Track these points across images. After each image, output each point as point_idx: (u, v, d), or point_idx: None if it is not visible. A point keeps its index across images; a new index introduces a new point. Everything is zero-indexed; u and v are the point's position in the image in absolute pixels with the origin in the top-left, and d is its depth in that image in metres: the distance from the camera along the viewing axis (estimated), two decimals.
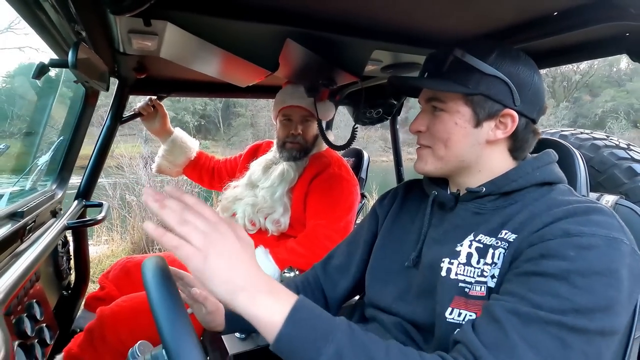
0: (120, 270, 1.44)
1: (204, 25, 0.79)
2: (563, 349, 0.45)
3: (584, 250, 0.50)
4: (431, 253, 0.67)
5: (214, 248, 0.44)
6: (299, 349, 0.44)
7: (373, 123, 2.06)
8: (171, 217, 0.44)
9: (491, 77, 0.63)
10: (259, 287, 0.45)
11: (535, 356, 0.45)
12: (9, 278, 0.70)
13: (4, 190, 1.11)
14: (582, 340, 0.46)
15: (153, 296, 0.43)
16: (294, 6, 0.77)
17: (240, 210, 1.38)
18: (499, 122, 0.65)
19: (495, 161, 0.68)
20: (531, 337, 0.46)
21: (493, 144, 0.67)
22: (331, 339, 0.45)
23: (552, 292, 0.48)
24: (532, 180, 0.64)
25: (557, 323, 0.46)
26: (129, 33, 0.79)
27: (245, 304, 0.44)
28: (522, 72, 0.64)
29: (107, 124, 1.47)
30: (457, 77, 0.65)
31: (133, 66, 1.18)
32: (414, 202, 0.80)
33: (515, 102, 0.64)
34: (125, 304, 1.10)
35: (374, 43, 0.96)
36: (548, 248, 0.52)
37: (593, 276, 0.48)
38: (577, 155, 0.83)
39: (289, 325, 0.44)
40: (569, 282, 0.48)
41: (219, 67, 1.07)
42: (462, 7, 0.77)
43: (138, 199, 5.21)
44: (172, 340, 0.41)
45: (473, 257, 0.61)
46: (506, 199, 0.65)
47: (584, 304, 0.47)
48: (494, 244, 0.60)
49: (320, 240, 1.22)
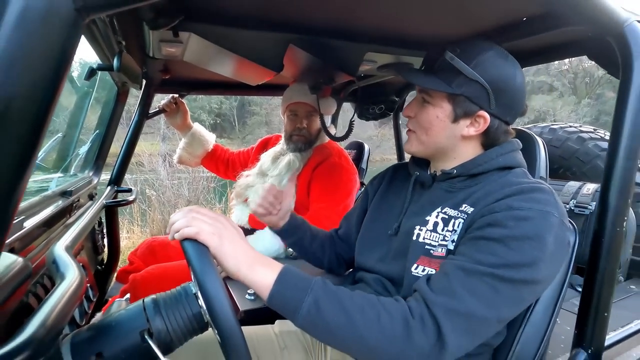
0: (147, 248, 1.64)
1: (220, 34, 0.96)
2: (494, 293, 0.59)
3: (521, 221, 0.62)
4: (409, 223, 0.80)
5: (222, 233, 0.60)
6: (286, 301, 0.60)
7: (376, 118, 2.20)
8: (182, 221, 0.59)
9: (472, 80, 0.71)
10: (255, 260, 0.62)
11: (471, 298, 0.59)
12: (69, 237, 0.88)
13: (54, 175, 1.31)
14: (509, 287, 0.60)
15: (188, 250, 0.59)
16: (295, 17, 0.93)
17: (252, 196, 1.54)
18: (474, 121, 0.75)
19: (468, 153, 0.79)
20: (470, 285, 0.60)
21: (467, 138, 0.77)
22: (309, 292, 0.60)
23: (491, 251, 0.62)
24: (495, 165, 0.75)
25: (491, 274, 0.60)
26: (160, 42, 0.97)
27: (247, 272, 0.60)
28: (502, 80, 0.72)
29: (135, 120, 1.67)
30: (444, 77, 0.74)
31: (159, 68, 1.37)
32: (399, 182, 0.93)
33: (491, 105, 0.73)
34: (154, 271, 1.29)
35: (366, 46, 1.11)
36: (494, 219, 0.65)
37: (524, 240, 0.61)
38: (540, 143, 0.96)
39: (277, 284, 0.60)
40: (505, 244, 0.61)
41: (233, 68, 1.24)
42: (445, 13, 0.89)
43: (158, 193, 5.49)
44: (200, 273, 0.57)
45: (439, 225, 0.74)
46: (473, 180, 0.77)
47: (513, 261, 0.60)
48: (456, 215, 0.73)
49: (321, 221, 1.37)
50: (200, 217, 0.60)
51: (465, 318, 0.59)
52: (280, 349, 0.91)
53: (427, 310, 0.60)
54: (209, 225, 0.59)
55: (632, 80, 0.76)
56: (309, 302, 0.60)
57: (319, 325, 0.60)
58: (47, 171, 1.32)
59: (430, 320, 0.59)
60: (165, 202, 5.44)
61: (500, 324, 0.62)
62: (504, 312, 0.60)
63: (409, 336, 0.58)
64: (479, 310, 0.59)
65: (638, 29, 0.76)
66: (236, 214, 1.62)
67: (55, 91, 0.33)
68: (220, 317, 0.55)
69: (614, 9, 0.75)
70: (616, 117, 0.80)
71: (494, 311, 0.59)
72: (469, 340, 0.60)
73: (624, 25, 0.76)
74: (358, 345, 0.60)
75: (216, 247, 0.59)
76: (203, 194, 5.67)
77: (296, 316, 0.60)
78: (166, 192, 5.56)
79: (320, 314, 0.59)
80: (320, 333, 0.61)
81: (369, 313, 0.60)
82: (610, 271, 0.79)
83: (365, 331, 0.59)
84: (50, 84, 0.31)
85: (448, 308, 0.59)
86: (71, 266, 0.63)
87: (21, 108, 0.31)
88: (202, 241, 0.58)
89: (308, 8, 0.88)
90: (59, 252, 0.69)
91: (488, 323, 0.60)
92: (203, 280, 0.57)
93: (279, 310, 0.62)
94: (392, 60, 1.25)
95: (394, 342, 0.58)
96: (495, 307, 0.59)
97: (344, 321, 0.59)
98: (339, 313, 0.60)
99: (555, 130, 1.76)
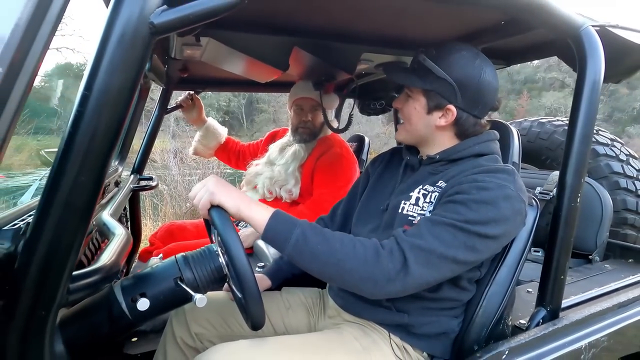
0: (166, 231, 1.81)
1: (234, 38, 1.11)
2: (453, 238, 0.74)
3: (482, 190, 0.77)
4: (396, 199, 0.94)
5: (212, 189, 0.75)
6: (278, 232, 0.74)
7: (377, 113, 2.32)
8: (195, 201, 0.78)
9: (442, 79, 0.85)
10: (251, 202, 0.78)
11: (433, 239, 0.73)
12: (111, 208, 1.04)
13: None
14: (465, 235, 0.74)
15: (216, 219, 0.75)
16: (298, 23, 1.07)
17: (260, 183, 1.71)
18: (445, 113, 0.87)
19: (444, 140, 0.92)
20: (434, 231, 0.75)
21: (440, 128, 0.90)
22: (298, 225, 0.75)
23: (455, 210, 0.76)
24: (472, 152, 0.89)
25: (453, 225, 0.74)
26: (183, 45, 1.12)
27: (245, 209, 0.76)
28: (467, 78, 0.84)
29: (155, 114, 1.83)
30: (421, 75, 0.88)
31: (179, 68, 1.52)
32: (394, 164, 1.06)
33: (457, 100, 0.85)
34: (174, 247, 1.46)
35: (362, 47, 1.25)
36: (460, 188, 0.79)
37: (482, 204, 0.75)
38: (514, 132, 1.09)
39: (272, 220, 0.75)
40: (467, 206, 0.76)
41: (244, 67, 1.39)
42: (432, 19, 1.02)
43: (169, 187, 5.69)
44: (222, 231, 0.72)
45: (420, 200, 0.89)
46: (452, 164, 0.91)
47: (471, 218, 0.74)
48: (432, 190, 0.87)
49: (323, 205, 1.53)
50: (198, 190, 0.78)
51: (427, 253, 0.73)
52: (285, 308, 1.06)
53: (396, 244, 0.75)
54: (203, 190, 0.76)
55: (586, 76, 0.89)
56: (297, 233, 0.74)
57: (305, 252, 0.73)
58: None
59: (398, 252, 0.74)
60: (177, 196, 5.64)
61: (456, 265, 0.75)
62: (459, 254, 0.74)
63: (378, 260, 0.73)
64: (439, 248, 0.73)
65: (592, 32, 0.90)
66: None
67: (133, 91, 0.48)
68: (238, 264, 0.70)
69: (570, 15, 0.88)
70: (573, 107, 0.93)
71: (451, 251, 0.73)
72: (429, 272, 0.73)
73: (580, 29, 0.89)
74: (336, 268, 0.73)
75: (214, 200, 0.75)
76: None
77: (286, 245, 0.74)
78: (177, 186, 5.76)
79: (307, 242, 0.73)
80: (305, 259, 0.74)
81: (347, 243, 0.75)
82: (566, 240, 0.92)
83: (343, 255, 0.73)
84: (131, 85, 0.46)
85: (414, 244, 0.74)
86: (118, 226, 0.79)
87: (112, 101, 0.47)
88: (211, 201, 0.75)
89: (310, 14, 1.02)
90: (107, 218, 0.85)
91: (445, 261, 0.74)
92: (224, 234, 0.73)
93: (272, 240, 0.76)
94: (388, 59, 1.39)
95: (366, 265, 0.72)
96: (452, 248, 0.73)
97: (326, 248, 0.73)
98: (321, 242, 0.74)
99: (543, 124, 1.87)
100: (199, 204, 0.77)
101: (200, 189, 0.78)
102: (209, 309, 0.98)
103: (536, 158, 1.86)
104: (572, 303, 1.01)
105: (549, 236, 0.94)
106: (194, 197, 0.78)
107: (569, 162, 0.92)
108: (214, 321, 0.99)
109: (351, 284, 0.74)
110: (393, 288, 0.73)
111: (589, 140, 0.92)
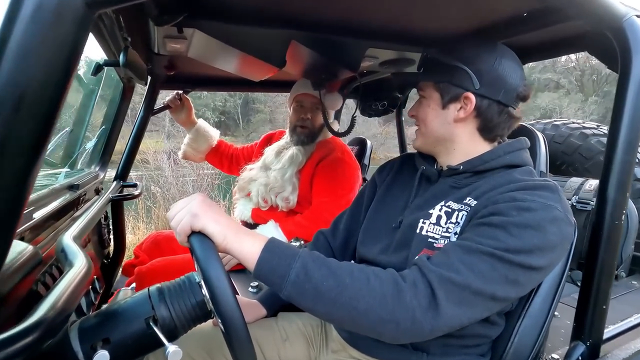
0: (152, 242, 1.67)
1: (223, 30, 0.97)
2: (491, 270, 0.60)
3: (524, 211, 0.63)
4: (412, 216, 0.81)
5: (195, 211, 0.61)
6: (274, 268, 0.60)
7: (378, 115, 2.20)
8: (173, 223, 0.63)
9: (454, 67, 0.76)
10: (240, 230, 0.63)
11: (467, 271, 0.60)
12: (77, 228, 0.90)
13: (61, 170, 1.34)
14: (506, 267, 0.61)
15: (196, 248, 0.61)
16: (297, 14, 0.94)
17: (255, 190, 1.57)
18: (463, 104, 0.77)
19: (466, 139, 0.80)
20: (468, 261, 0.61)
21: (460, 122, 0.79)
22: (297, 258, 0.60)
23: (492, 236, 0.62)
24: (502, 162, 0.76)
25: (491, 254, 0.61)
26: (164, 38, 0.98)
27: (233, 240, 0.61)
28: (482, 61, 0.75)
29: (140, 115, 1.69)
30: (430, 70, 0.81)
31: (164, 64, 1.38)
32: (406, 174, 0.93)
33: (474, 85, 0.75)
34: (159, 263, 1.31)
35: (367, 42, 1.11)
36: (497, 208, 0.66)
37: (525, 229, 0.62)
38: (540, 138, 0.97)
39: (265, 252, 0.61)
40: (507, 230, 0.62)
41: (236, 64, 1.25)
42: (447, 9, 0.90)
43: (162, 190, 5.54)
44: (204, 264, 0.59)
45: (442, 218, 0.75)
46: (478, 177, 0.78)
47: (513, 246, 0.61)
48: (459, 208, 0.74)
49: (323, 215, 1.39)
50: (179, 210, 0.63)
51: (460, 289, 0.59)
52: (282, 340, 0.92)
53: (421, 276, 0.61)
54: (184, 211, 0.62)
55: (631, 75, 0.77)
56: (297, 268, 0.60)
57: (308, 291, 0.59)
58: (55, 166, 1.35)
59: (423, 285, 0.60)
60: (170, 198, 5.49)
61: (494, 303, 0.62)
62: (499, 290, 0.61)
63: (400, 297, 0.59)
64: (475, 283, 0.59)
65: (637, 23, 0.77)
66: (239, 208, 1.64)
67: (65, 84, 0.34)
68: (222, 304, 0.57)
69: (612, 3, 0.75)
70: (615, 111, 0.81)
71: (489, 286, 0.60)
72: (462, 312, 0.60)
73: (623, 19, 0.76)
74: (347, 309, 0.59)
75: (196, 226, 0.61)
76: (207, 190, 5.70)
77: (284, 283, 0.60)
78: (171, 188, 5.61)
79: (309, 278, 0.59)
80: (308, 300, 0.60)
81: (358, 276, 0.61)
82: (608, 264, 0.79)
83: (354, 292, 0.59)
84: (60, 76, 0.32)
85: (444, 277, 0.60)
86: (79, 254, 0.65)
87: (33, 100, 0.33)
88: (185, 223, 0.61)
89: (310, 4, 0.89)
90: (67, 241, 0.71)
91: (482, 297, 0.60)
92: (206, 268, 0.59)
93: (266, 279, 0.62)
94: (394, 56, 1.26)
95: (384, 304, 0.58)
96: (490, 283, 0.60)
97: (333, 284, 0.59)
98: (327, 277, 0.60)
99: (558, 127, 1.76)
100: (177, 228, 0.62)
101: (180, 209, 0.63)
102: (191, 344, 0.84)
103: (551, 163, 1.74)
104: (612, 333, 0.88)
105: (587, 258, 0.82)
106: (172, 219, 0.64)
107: (610, 174, 0.80)
108: (198, 357, 0.85)
109: (367, 327, 0.60)
110: (419, 331, 0.59)
111: (635, 148, 0.79)
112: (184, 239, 0.63)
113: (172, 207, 0.65)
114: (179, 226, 0.62)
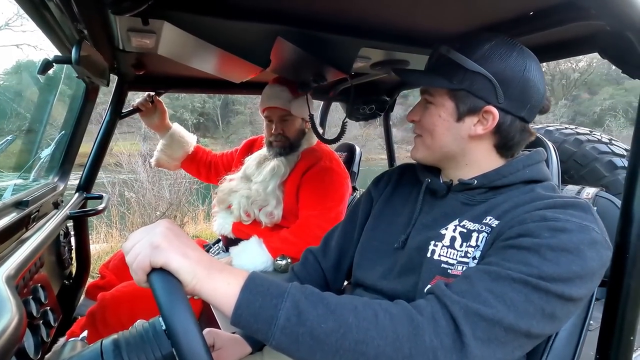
0: (120, 260, 1.50)
1: (199, 24, 0.84)
2: (526, 301, 0.50)
3: (558, 232, 0.54)
4: (420, 237, 0.70)
5: (157, 243, 0.48)
6: (258, 311, 0.48)
7: (366, 119, 2.11)
8: (129, 259, 0.50)
9: (475, 73, 0.65)
10: (213, 265, 0.50)
11: (498, 303, 0.50)
12: (15, 261, 0.75)
13: (9, 182, 1.16)
14: (542, 299, 0.51)
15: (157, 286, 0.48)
16: (284, 6, 0.82)
17: (236, 202, 1.43)
18: (482, 118, 0.68)
19: (480, 156, 0.71)
20: (497, 290, 0.51)
21: (476, 139, 0.69)
22: (286, 296, 0.49)
23: (523, 260, 0.53)
24: (521, 177, 0.67)
25: (524, 281, 0.51)
26: (128, 31, 0.84)
27: (204, 279, 0.49)
28: (509, 69, 0.65)
29: (106, 119, 1.52)
30: (444, 73, 0.68)
31: (132, 63, 1.23)
32: (406, 187, 0.83)
33: (498, 99, 0.66)
34: (125, 289, 1.15)
35: (361, 41, 1.01)
36: (526, 229, 0.56)
37: (561, 252, 0.52)
38: (551, 148, 0.89)
39: (245, 292, 0.49)
40: (540, 254, 0.53)
41: (214, 64, 1.12)
42: (450, 6, 0.81)
43: (137, 195, 5.27)
44: (168, 311, 0.46)
45: (456, 240, 0.65)
46: (494, 193, 0.68)
47: (549, 273, 0.51)
48: (478, 228, 0.64)
49: (312, 229, 1.27)
50: (136, 242, 0.50)
51: (491, 324, 0.49)
52: None
53: (441, 308, 0.51)
54: (144, 242, 0.49)
55: None
56: (288, 308, 0.48)
57: (303, 336, 0.48)
58: (2, 177, 1.17)
59: (445, 320, 0.50)
60: (146, 204, 5.24)
61: (528, 340, 0.52)
62: (534, 326, 0.51)
63: (417, 337, 0.48)
64: (508, 317, 0.49)
65: None
66: (219, 221, 1.50)
67: None
68: None
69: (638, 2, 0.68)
70: (638, 119, 0.73)
71: (524, 321, 0.50)
72: (492, 352, 0.50)
73: None
74: (354, 356, 0.48)
75: (156, 251, 0.48)
76: (185, 195, 5.49)
77: (272, 329, 0.48)
78: (146, 194, 5.36)
79: (303, 320, 0.48)
80: (304, 349, 0.48)
81: (364, 313, 0.50)
82: (635, 289, 0.71)
83: (361, 334, 0.48)
84: None
85: (470, 310, 0.50)
86: (8, 301, 0.51)
87: None
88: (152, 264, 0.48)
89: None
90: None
91: (515, 334, 0.50)
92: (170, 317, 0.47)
93: (249, 326, 0.49)
94: (387, 57, 1.16)
95: (399, 346, 0.48)
96: (525, 317, 0.50)
97: (334, 326, 0.48)
98: (326, 317, 0.48)
99: (551, 132, 1.71)
100: (132, 264, 0.49)
101: (138, 240, 0.50)
102: None
103: None
104: None
105: (609, 284, 0.74)
106: (128, 252, 0.50)
107: (635, 190, 0.72)
108: None
109: None
110: None
111: None
112: (142, 278, 0.50)
113: (129, 237, 0.52)
114: (135, 262, 0.49)
